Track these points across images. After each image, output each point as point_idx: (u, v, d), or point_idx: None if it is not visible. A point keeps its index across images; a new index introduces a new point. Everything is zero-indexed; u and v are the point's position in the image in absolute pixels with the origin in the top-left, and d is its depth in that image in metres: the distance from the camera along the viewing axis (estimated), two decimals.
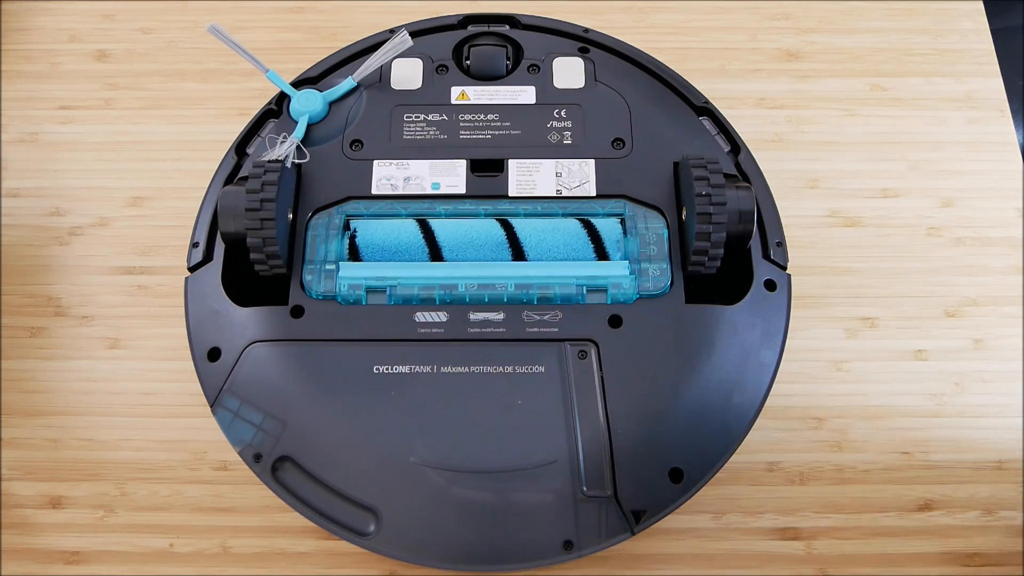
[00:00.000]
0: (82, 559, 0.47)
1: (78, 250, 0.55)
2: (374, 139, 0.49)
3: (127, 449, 0.50)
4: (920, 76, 0.61)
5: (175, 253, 0.55)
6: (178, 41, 0.62)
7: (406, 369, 0.43)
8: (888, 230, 0.56)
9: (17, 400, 0.51)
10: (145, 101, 0.60)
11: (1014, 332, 0.53)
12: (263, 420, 0.43)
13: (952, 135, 0.59)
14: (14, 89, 0.61)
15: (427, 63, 0.52)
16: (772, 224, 0.47)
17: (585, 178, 0.48)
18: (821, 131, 0.59)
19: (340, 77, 0.52)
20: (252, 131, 0.51)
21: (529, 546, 0.41)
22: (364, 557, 0.47)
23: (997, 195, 0.57)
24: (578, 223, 0.47)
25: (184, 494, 0.49)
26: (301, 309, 0.45)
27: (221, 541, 0.47)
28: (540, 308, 0.44)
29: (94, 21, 0.63)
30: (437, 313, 0.44)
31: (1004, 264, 0.55)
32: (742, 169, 0.49)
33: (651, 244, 0.46)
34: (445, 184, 0.48)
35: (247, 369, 0.44)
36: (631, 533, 0.41)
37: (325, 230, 0.47)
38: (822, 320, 0.53)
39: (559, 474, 0.41)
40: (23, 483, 0.49)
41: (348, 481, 0.42)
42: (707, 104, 0.51)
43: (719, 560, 0.47)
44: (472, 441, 0.42)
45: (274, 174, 0.44)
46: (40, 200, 0.57)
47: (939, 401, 0.51)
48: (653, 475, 0.42)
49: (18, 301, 0.54)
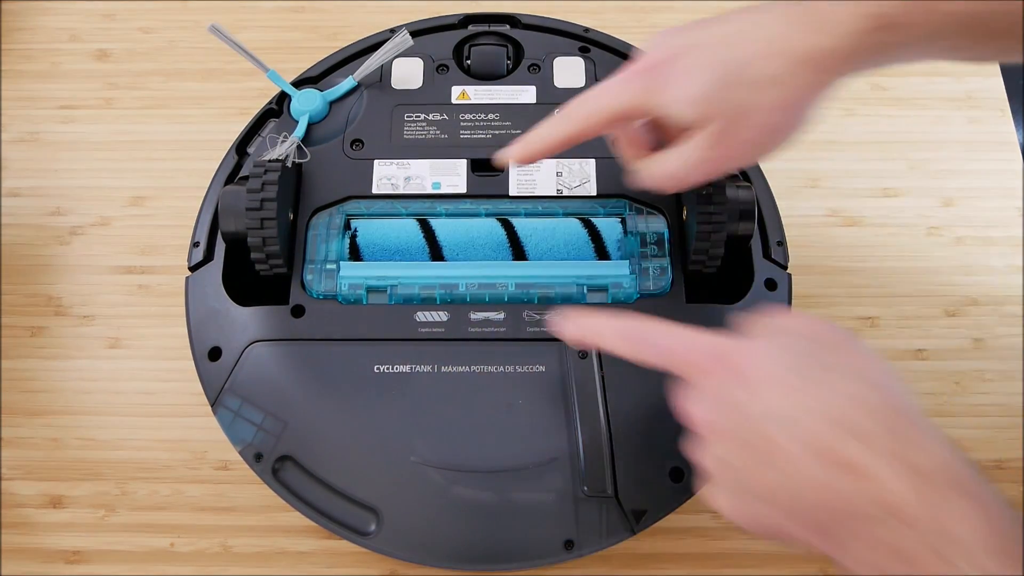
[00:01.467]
0: (83, 559, 0.47)
1: (79, 250, 0.55)
2: (375, 139, 0.49)
3: (128, 449, 0.50)
4: (921, 76, 0.61)
5: (176, 252, 0.55)
6: (178, 41, 0.62)
7: (407, 369, 0.43)
8: (888, 230, 0.56)
9: (18, 400, 0.51)
10: (145, 101, 0.60)
11: (1014, 332, 0.53)
12: (264, 419, 0.43)
13: (952, 135, 0.59)
14: (15, 89, 0.61)
15: (428, 63, 0.52)
16: (772, 223, 0.47)
17: (586, 177, 0.48)
18: (821, 131, 0.58)
19: (340, 77, 0.52)
20: (253, 131, 0.51)
21: (530, 545, 0.41)
22: (365, 556, 0.47)
23: (997, 195, 0.57)
24: (579, 223, 0.47)
25: (185, 494, 0.49)
26: (302, 308, 0.45)
27: (222, 540, 0.47)
28: (541, 308, 0.44)
29: (94, 21, 0.63)
30: (438, 313, 0.44)
31: (1004, 264, 0.55)
32: (742, 168, 0.49)
33: (651, 244, 0.46)
34: (446, 184, 0.48)
35: (248, 368, 0.44)
36: (632, 532, 0.41)
37: (326, 229, 0.47)
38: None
39: (560, 474, 0.41)
40: (23, 483, 0.49)
41: (349, 480, 0.42)
42: None
43: (720, 560, 0.47)
44: (473, 441, 0.42)
45: (275, 174, 0.44)
46: (41, 200, 0.57)
47: (939, 401, 0.51)
48: (654, 474, 0.42)
49: (19, 301, 0.54)
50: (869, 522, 0.28)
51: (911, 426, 0.29)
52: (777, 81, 0.34)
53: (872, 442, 0.28)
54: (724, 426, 0.31)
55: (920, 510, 0.27)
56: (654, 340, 0.34)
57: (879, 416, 0.29)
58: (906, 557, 0.27)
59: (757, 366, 0.31)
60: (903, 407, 0.30)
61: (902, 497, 0.27)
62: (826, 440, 0.29)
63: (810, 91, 0.35)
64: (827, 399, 0.29)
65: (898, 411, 0.29)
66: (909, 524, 0.27)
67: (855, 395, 0.29)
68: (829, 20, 0.34)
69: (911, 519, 0.27)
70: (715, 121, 0.36)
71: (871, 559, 0.28)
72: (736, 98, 0.35)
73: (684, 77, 0.36)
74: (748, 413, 0.30)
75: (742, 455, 0.31)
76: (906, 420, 0.29)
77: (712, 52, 0.35)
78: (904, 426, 0.29)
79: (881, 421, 0.29)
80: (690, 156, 0.37)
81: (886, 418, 0.29)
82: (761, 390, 0.30)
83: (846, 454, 0.28)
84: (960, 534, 0.26)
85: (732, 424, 0.31)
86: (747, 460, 0.31)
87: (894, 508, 0.27)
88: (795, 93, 0.35)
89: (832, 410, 0.29)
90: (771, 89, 0.34)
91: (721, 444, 0.32)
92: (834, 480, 0.28)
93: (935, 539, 0.26)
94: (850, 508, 0.28)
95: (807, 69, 0.34)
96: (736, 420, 0.31)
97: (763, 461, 0.30)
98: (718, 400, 0.32)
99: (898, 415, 0.29)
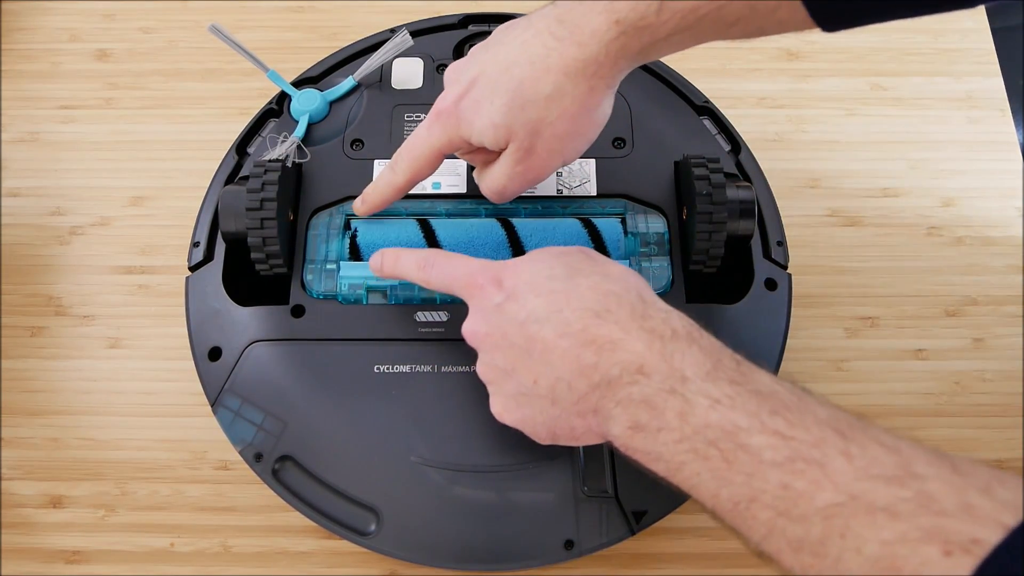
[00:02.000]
0: (83, 559, 0.47)
1: (79, 249, 0.55)
2: (375, 139, 0.49)
3: (128, 448, 0.50)
4: (921, 75, 0.61)
5: (176, 252, 0.55)
6: (179, 41, 0.62)
7: (407, 368, 0.43)
8: (888, 230, 0.56)
9: (18, 399, 0.51)
10: (146, 101, 0.60)
11: (1014, 332, 0.53)
12: (264, 419, 0.43)
13: (952, 135, 0.59)
14: (15, 89, 0.61)
15: (428, 63, 0.52)
16: (773, 223, 0.47)
17: (586, 177, 0.48)
18: (821, 131, 0.59)
19: (341, 77, 0.52)
20: (253, 130, 0.51)
21: (530, 545, 0.41)
22: (365, 556, 0.47)
23: (997, 195, 0.57)
24: (579, 222, 0.47)
25: (185, 493, 0.49)
26: (302, 308, 0.45)
27: (222, 540, 0.47)
28: None
29: (95, 21, 0.63)
30: (438, 312, 0.44)
31: (1004, 264, 0.55)
32: (743, 168, 0.49)
33: (652, 243, 0.46)
34: (446, 184, 0.48)
35: (248, 368, 0.44)
36: (632, 532, 0.41)
37: (326, 229, 0.47)
38: (822, 319, 0.53)
39: (560, 474, 0.41)
40: (24, 483, 0.49)
41: (349, 480, 0.42)
42: (707, 103, 0.51)
43: (720, 559, 0.47)
44: (472, 440, 0.42)
45: (275, 173, 0.44)
46: (41, 200, 0.57)
47: (939, 401, 0.51)
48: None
49: (19, 301, 0.54)
50: (622, 385, 0.33)
51: (648, 305, 0.35)
52: (554, 97, 0.38)
53: (617, 319, 0.34)
54: (494, 334, 0.37)
55: (657, 362, 0.32)
56: (441, 266, 0.40)
57: (622, 301, 0.34)
58: (653, 404, 0.32)
59: (522, 280, 0.36)
60: (641, 294, 0.35)
61: (642, 355, 0.33)
62: (578, 324, 0.34)
63: (588, 97, 0.38)
64: (578, 294, 0.35)
65: (638, 297, 0.35)
66: (649, 375, 0.32)
67: (600, 288, 0.35)
68: (584, 31, 0.37)
69: (651, 370, 0.32)
70: (515, 139, 0.39)
71: (629, 417, 0.33)
72: (525, 117, 0.38)
73: (478, 109, 0.39)
74: (513, 318, 0.36)
75: (509, 355, 0.36)
76: (643, 302, 0.35)
77: (495, 80, 0.39)
78: (642, 306, 0.35)
79: (624, 305, 0.34)
80: (504, 172, 0.41)
81: (628, 302, 0.34)
82: (525, 298, 0.36)
83: (596, 332, 0.34)
84: (687, 372, 0.32)
85: (500, 331, 0.36)
86: (514, 359, 0.36)
87: (638, 365, 0.33)
88: (575, 102, 0.38)
89: (583, 302, 0.35)
90: (552, 104, 0.38)
91: (492, 352, 0.37)
92: (589, 356, 0.33)
93: (671, 381, 0.32)
94: (606, 377, 0.33)
95: (577, 80, 0.38)
96: (503, 326, 0.36)
97: (527, 356, 0.35)
98: (489, 313, 0.37)
99: (637, 300, 0.35)
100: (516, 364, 0.36)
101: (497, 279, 0.37)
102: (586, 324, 0.34)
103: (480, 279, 0.38)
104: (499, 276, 0.37)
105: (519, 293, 0.36)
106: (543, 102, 0.38)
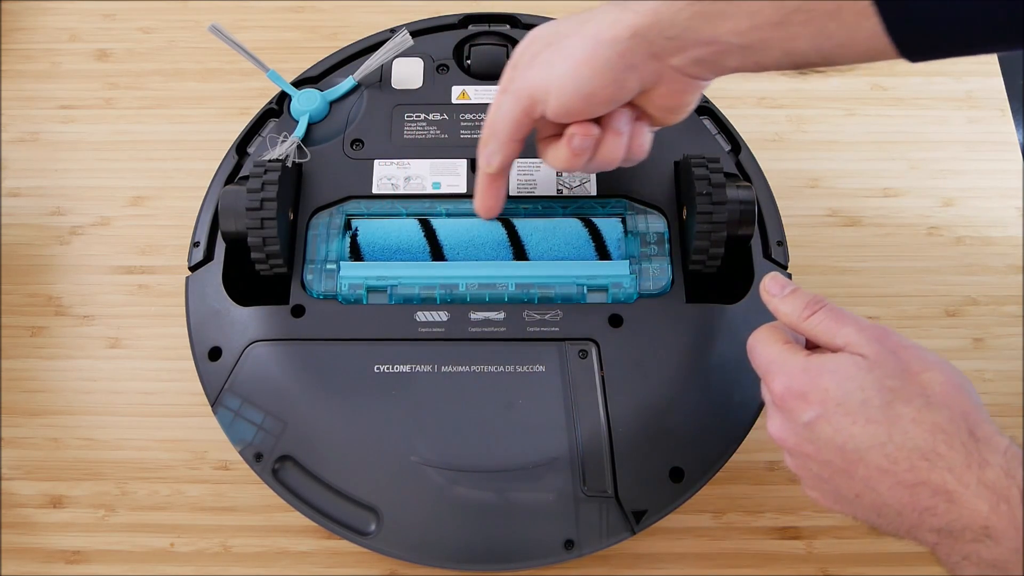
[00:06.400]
0: (83, 559, 0.47)
1: (79, 249, 0.55)
2: (375, 138, 0.49)
3: (128, 449, 0.50)
4: (920, 76, 0.61)
5: (176, 252, 0.55)
6: (179, 41, 0.62)
7: (407, 368, 0.43)
8: (888, 230, 0.56)
9: (18, 400, 0.51)
10: (146, 101, 0.60)
11: (1014, 332, 0.53)
12: (264, 419, 0.43)
13: (952, 135, 0.59)
14: (15, 88, 0.61)
15: (428, 62, 0.52)
16: (772, 223, 0.47)
17: (586, 177, 0.48)
18: (821, 131, 0.59)
19: (340, 77, 0.52)
20: (253, 130, 0.51)
21: (530, 545, 0.41)
22: (365, 556, 0.47)
23: (997, 195, 0.57)
24: (579, 222, 0.47)
25: (185, 494, 0.49)
26: (302, 308, 0.45)
27: (222, 540, 0.47)
28: (541, 307, 0.44)
29: (94, 21, 0.63)
30: (438, 312, 0.44)
31: (1004, 264, 0.55)
32: (742, 168, 0.49)
33: (652, 243, 0.46)
34: (446, 183, 0.48)
35: (248, 368, 0.44)
36: (632, 532, 0.41)
37: (326, 229, 0.47)
38: None
39: (560, 473, 0.41)
40: (24, 483, 0.49)
41: (349, 480, 0.42)
42: (707, 103, 0.51)
43: (720, 559, 0.47)
44: (473, 440, 0.42)
45: (275, 173, 0.44)
46: (41, 200, 0.57)
47: None
48: (654, 474, 0.42)
49: (18, 301, 0.54)
50: (967, 541, 0.31)
51: (980, 444, 0.31)
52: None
53: (951, 467, 0.31)
54: (805, 448, 0.35)
55: (1006, 527, 0.30)
56: (754, 351, 0.38)
57: (952, 442, 0.31)
58: (1006, 568, 0.30)
59: (831, 398, 0.33)
60: (971, 428, 0.32)
61: (987, 518, 0.30)
62: (906, 463, 0.32)
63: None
64: (901, 428, 0.32)
65: (968, 434, 0.32)
66: (998, 539, 0.30)
67: (924, 421, 0.32)
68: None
69: (999, 535, 0.30)
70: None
71: (978, 570, 0.31)
72: None
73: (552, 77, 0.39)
74: (828, 441, 0.33)
75: (826, 470, 0.34)
76: (975, 440, 0.31)
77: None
78: (975, 447, 0.31)
79: (955, 446, 0.31)
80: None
81: (959, 443, 0.31)
82: (838, 422, 0.33)
83: (927, 476, 0.31)
84: None
85: (812, 447, 0.34)
86: (832, 474, 0.34)
87: (982, 526, 0.30)
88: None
89: (907, 438, 0.32)
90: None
91: (805, 461, 0.35)
92: (924, 498, 0.31)
93: (1020, 546, 0.30)
94: (947, 527, 0.31)
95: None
96: (816, 444, 0.34)
97: (847, 476, 0.33)
98: (799, 428, 0.35)
99: (968, 438, 0.31)
100: (834, 478, 0.34)
101: (802, 394, 0.34)
102: (914, 465, 0.32)
103: (777, 386, 0.35)
104: (803, 391, 0.34)
105: (830, 415, 0.33)
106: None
